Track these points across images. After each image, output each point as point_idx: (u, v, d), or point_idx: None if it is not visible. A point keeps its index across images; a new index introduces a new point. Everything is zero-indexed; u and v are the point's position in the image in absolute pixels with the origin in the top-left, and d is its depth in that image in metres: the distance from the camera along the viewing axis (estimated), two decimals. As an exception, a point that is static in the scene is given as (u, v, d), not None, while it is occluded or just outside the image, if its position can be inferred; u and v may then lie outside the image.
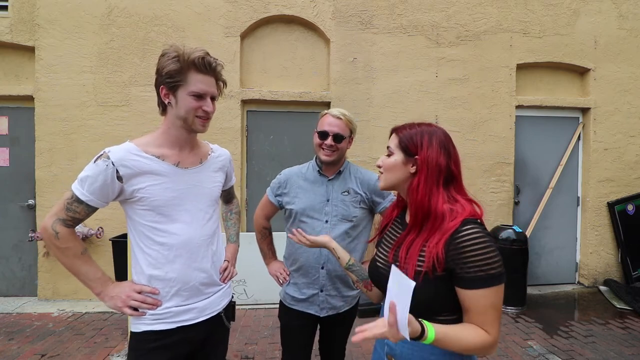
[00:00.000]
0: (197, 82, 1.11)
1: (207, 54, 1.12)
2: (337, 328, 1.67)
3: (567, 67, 4.24)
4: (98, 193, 1.08)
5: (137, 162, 1.10)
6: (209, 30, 3.76)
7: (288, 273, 1.66)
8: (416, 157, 0.97)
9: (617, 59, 4.22)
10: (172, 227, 1.14)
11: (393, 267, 0.83)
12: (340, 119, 1.54)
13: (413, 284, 0.75)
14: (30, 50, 3.66)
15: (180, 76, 1.09)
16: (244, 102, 3.89)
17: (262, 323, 3.20)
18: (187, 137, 1.20)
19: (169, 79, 1.09)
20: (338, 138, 1.52)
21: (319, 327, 1.69)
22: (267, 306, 3.53)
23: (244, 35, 3.84)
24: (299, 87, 3.96)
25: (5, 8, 3.65)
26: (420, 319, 0.83)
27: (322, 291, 1.56)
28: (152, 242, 1.13)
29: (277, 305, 1.73)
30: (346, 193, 1.58)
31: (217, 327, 1.29)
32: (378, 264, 1.08)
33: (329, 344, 1.72)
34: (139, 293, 1.13)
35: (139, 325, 1.14)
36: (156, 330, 1.13)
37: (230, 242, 1.52)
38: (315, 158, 1.64)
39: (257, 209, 1.78)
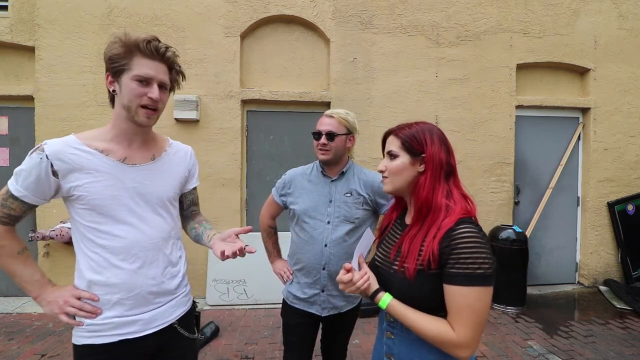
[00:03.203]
0: (142, 66, 1.01)
1: (156, 39, 1.03)
2: (338, 327, 1.67)
3: (567, 67, 4.24)
4: (32, 189, 0.98)
5: (75, 156, 1.00)
6: (209, 30, 3.76)
7: (292, 272, 1.66)
8: (423, 155, 0.97)
9: (617, 59, 4.22)
10: (115, 228, 1.04)
11: (367, 229, 1.07)
12: (333, 117, 1.56)
13: (373, 238, 1.06)
14: (30, 50, 3.66)
15: (124, 60, 1.00)
16: (244, 102, 3.89)
17: (262, 323, 3.20)
18: (137, 130, 1.09)
19: (113, 64, 1.01)
20: (330, 136, 1.53)
21: (320, 326, 1.69)
22: (267, 306, 3.53)
23: (244, 35, 3.84)
24: (299, 87, 3.96)
25: (5, 8, 3.65)
26: (381, 288, 0.99)
27: (323, 291, 1.57)
28: (93, 245, 1.03)
29: (277, 305, 1.74)
30: (349, 194, 1.58)
31: (175, 339, 1.16)
32: (377, 263, 1.08)
33: (330, 343, 1.73)
34: (79, 299, 1.03)
35: (78, 338, 1.04)
36: (96, 345, 1.03)
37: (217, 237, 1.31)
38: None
39: (263, 209, 1.80)
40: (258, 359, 2.63)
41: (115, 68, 1.01)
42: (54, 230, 3.43)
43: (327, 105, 3.94)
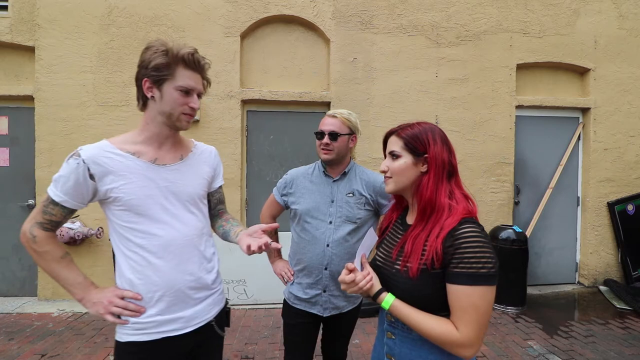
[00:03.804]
0: (186, 77, 1.08)
1: (197, 51, 1.11)
2: (339, 328, 1.67)
3: (567, 67, 4.24)
4: (72, 193, 1.03)
5: (109, 159, 1.05)
6: (209, 30, 3.76)
7: (292, 272, 1.66)
8: (425, 155, 0.98)
9: (617, 59, 4.22)
10: (152, 227, 1.08)
11: (370, 230, 1.05)
12: (336, 117, 1.56)
13: (376, 238, 1.06)
14: (30, 50, 3.66)
15: (168, 70, 1.06)
16: (244, 102, 3.89)
17: (262, 323, 3.20)
18: (168, 133, 1.15)
19: (155, 72, 1.05)
20: (333, 136, 1.54)
21: (321, 326, 1.69)
22: (267, 306, 3.53)
23: (244, 35, 3.84)
24: (299, 87, 3.96)
25: (5, 8, 3.65)
26: (384, 288, 0.98)
27: (325, 291, 1.57)
28: (132, 244, 1.08)
29: (277, 305, 1.74)
30: (351, 194, 1.58)
31: (209, 336, 1.21)
32: (378, 263, 1.08)
33: (331, 344, 1.72)
34: (122, 299, 1.07)
35: (122, 335, 1.08)
36: (140, 342, 1.07)
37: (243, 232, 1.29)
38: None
39: (264, 208, 1.80)
40: (258, 359, 2.63)
41: (157, 77, 1.06)
42: (54, 230, 3.43)
43: (327, 105, 3.94)
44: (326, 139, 1.54)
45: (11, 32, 3.62)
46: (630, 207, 4.23)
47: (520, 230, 3.64)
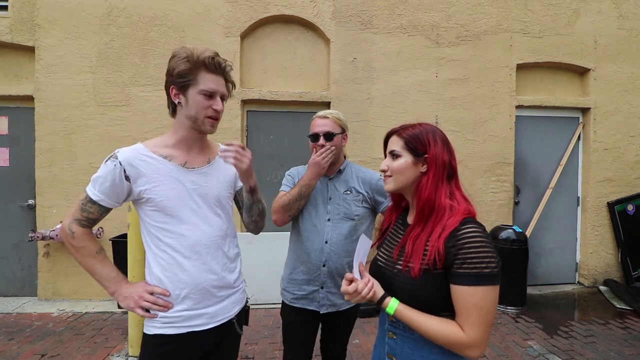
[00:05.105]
0: (208, 81, 1.12)
1: (217, 54, 1.15)
2: (338, 327, 1.68)
3: (567, 67, 4.24)
4: (109, 193, 1.10)
5: (144, 162, 1.12)
6: (209, 30, 3.76)
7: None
8: (425, 156, 0.98)
9: (617, 59, 4.22)
10: (180, 228, 1.14)
11: (362, 236, 1.01)
12: (327, 117, 1.58)
13: (369, 242, 1.01)
14: (30, 50, 3.66)
15: (191, 76, 1.11)
16: (244, 102, 3.89)
17: (262, 323, 3.20)
18: (196, 137, 1.20)
19: (180, 79, 1.11)
20: (328, 136, 1.55)
21: (320, 325, 1.69)
22: (267, 306, 3.53)
23: (244, 35, 3.84)
24: (299, 87, 3.96)
25: (5, 8, 3.65)
26: (387, 293, 0.96)
27: (322, 288, 1.57)
28: (162, 244, 1.14)
29: (277, 305, 1.74)
30: (348, 192, 1.60)
31: (229, 333, 1.27)
32: (380, 263, 1.08)
33: (330, 343, 1.73)
34: (151, 294, 1.13)
35: (150, 328, 1.14)
36: (167, 335, 1.13)
37: None
38: None
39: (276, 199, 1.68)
40: (258, 359, 2.63)
41: (182, 83, 1.12)
42: (54, 230, 3.43)
43: (327, 105, 3.93)
44: (322, 141, 1.55)
45: (11, 32, 3.62)
46: (630, 207, 4.23)
47: (520, 230, 3.64)
